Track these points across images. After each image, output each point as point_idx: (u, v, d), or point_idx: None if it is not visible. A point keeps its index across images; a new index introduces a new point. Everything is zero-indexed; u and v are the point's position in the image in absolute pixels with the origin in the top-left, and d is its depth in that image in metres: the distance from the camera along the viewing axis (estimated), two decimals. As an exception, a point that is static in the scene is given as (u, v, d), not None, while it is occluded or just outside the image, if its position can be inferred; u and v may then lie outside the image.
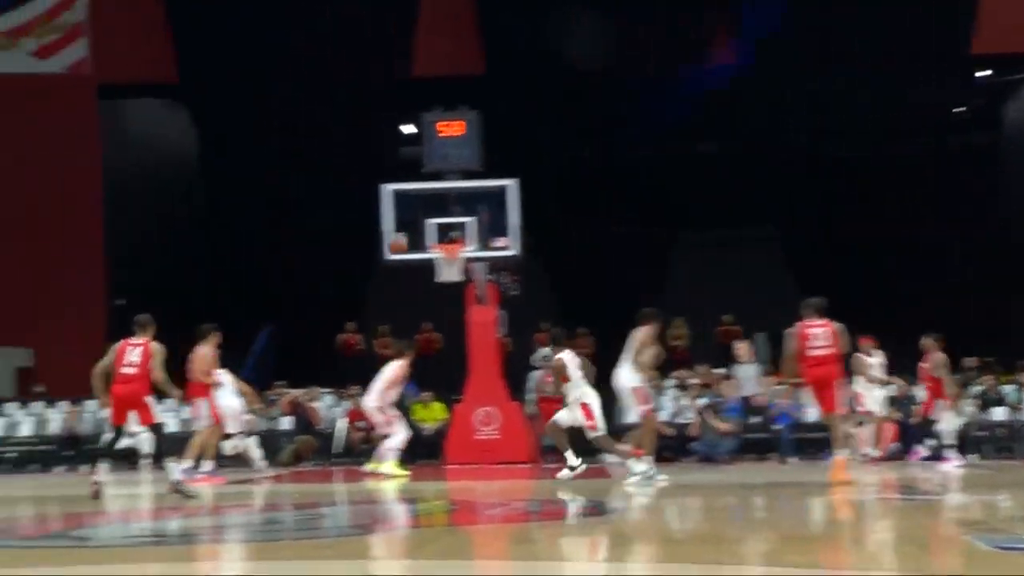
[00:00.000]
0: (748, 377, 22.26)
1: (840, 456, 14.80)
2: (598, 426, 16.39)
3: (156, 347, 15.53)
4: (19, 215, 29.29)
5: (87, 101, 29.88)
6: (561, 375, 16.62)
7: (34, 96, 29.65)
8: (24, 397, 26.45)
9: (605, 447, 16.70)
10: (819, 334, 14.91)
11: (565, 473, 16.54)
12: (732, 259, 30.58)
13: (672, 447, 21.72)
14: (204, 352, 18.70)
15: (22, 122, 29.54)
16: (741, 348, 22.69)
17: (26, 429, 24.78)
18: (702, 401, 22.35)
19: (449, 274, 22.06)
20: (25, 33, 30.22)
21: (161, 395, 16.38)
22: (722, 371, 23.75)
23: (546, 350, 23.75)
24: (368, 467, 19.11)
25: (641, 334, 15.96)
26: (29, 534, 11.99)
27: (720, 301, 28.19)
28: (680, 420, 22.42)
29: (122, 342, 15.51)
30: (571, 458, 16.65)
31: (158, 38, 29.76)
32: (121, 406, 15.46)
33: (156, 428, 15.75)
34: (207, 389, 18.73)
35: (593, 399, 16.46)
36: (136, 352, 15.49)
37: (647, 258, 29.31)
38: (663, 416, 21.79)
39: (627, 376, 15.92)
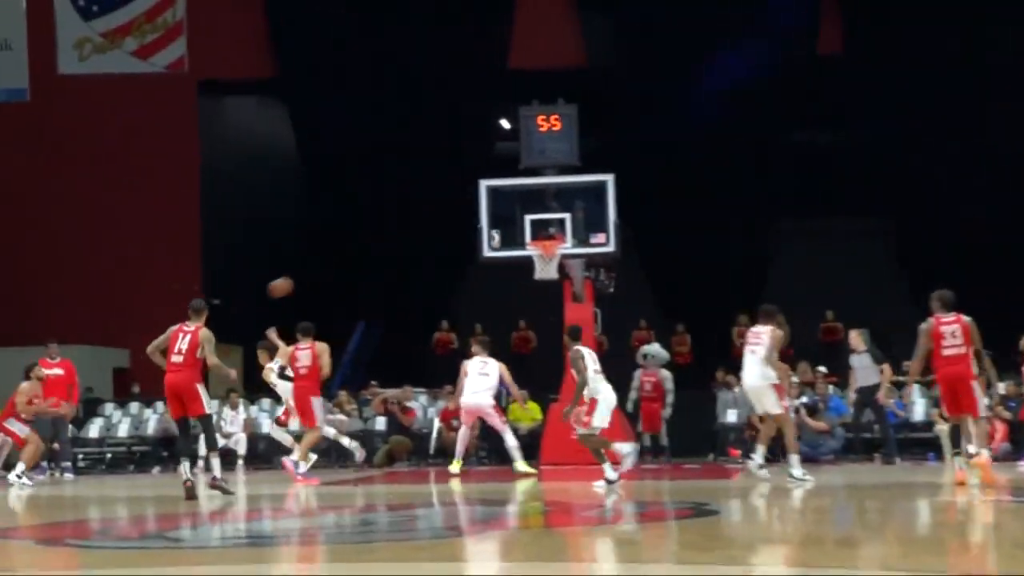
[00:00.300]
0: (864, 367, 21.49)
1: (983, 456, 14.11)
2: (592, 424, 15.88)
3: (206, 334, 15.31)
4: (117, 215, 29.56)
5: (186, 99, 30.10)
6: (576, 368, 16.19)
7: (134, 95, 29.92)
8: (121, 398, 26.59)
9: (591, 445, 15.99)
10: (951, 330, 14.33)
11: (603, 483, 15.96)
12: (837, 252, 30.03)
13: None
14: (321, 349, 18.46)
15: (122, 121, 29.83)
16: (855, 337, 21.98)
17: (123, 430, 24.86)
18: (801, 400, 21.87)
19: (546, 271, 21.76)
20: (126, 33, 30.52)
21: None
22: (822, 369, 23.25)
23: (651, 347, 23.46)
24: (453, 468, 19.06)
25: (771, 333, 15.63)
26: (126, 535, 11.94)
27: (821, 296, 27.68)
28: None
29: (176, 327, 15.31)
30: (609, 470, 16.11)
31: (255, 34, 29.89)
32: (173, 396, 15.34)
33: (205, 420, 15.57)
34: (317, 388, 18.53)
35: (606, 398, 16.01)
36: (186, 340, 15.31)
37: (746, 252, 28.81)
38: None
39: (761, 373, 15.62)
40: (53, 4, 30.53)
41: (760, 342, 15.75)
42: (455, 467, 19.17)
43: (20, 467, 18.86)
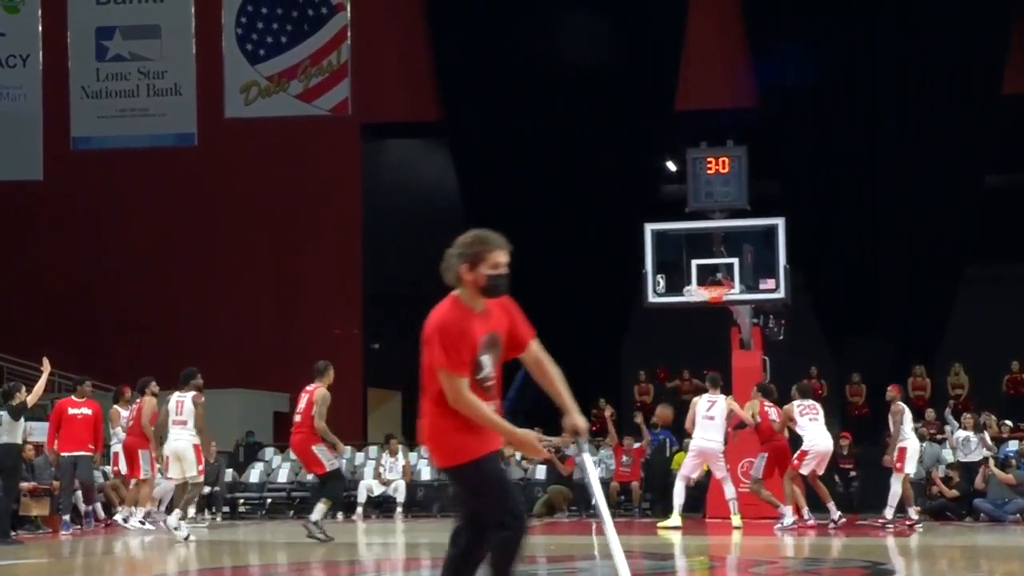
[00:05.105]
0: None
1: None
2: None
3: (320, 395, 15.14)
4: (278, 257, 29.64)
5: (350, 142, 30.11)
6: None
7: (299, 138, 30.04)
8: (281, 442, 26.48)
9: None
10: None
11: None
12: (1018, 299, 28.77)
13: (951, 508, 20.36)
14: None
15: (286, 164, 29.96)
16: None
17: (283, 475, 24.69)
18: (987, 453, 20.79)
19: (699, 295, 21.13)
20: (292, 76, 30.71)
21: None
22: (1008, 423, 22.18)
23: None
24: (671, 521, 18.07)
25: None
26: None
27: (1006, 346, 26.44)
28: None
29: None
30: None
31: (419, 77, 29.79)
32: (296, 454, 15.35)
33: (323, 478, 15.37)
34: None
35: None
36: (304, 400, 15.19)
37: (927, 299, 27.62)
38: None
39: None
40: (221, 49, 30.83)
41: None
42: (674, 520, 18.12)
43: (141, 512, 18.68)
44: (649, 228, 21.47)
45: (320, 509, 15.55)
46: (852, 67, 28.06)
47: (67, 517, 19.42)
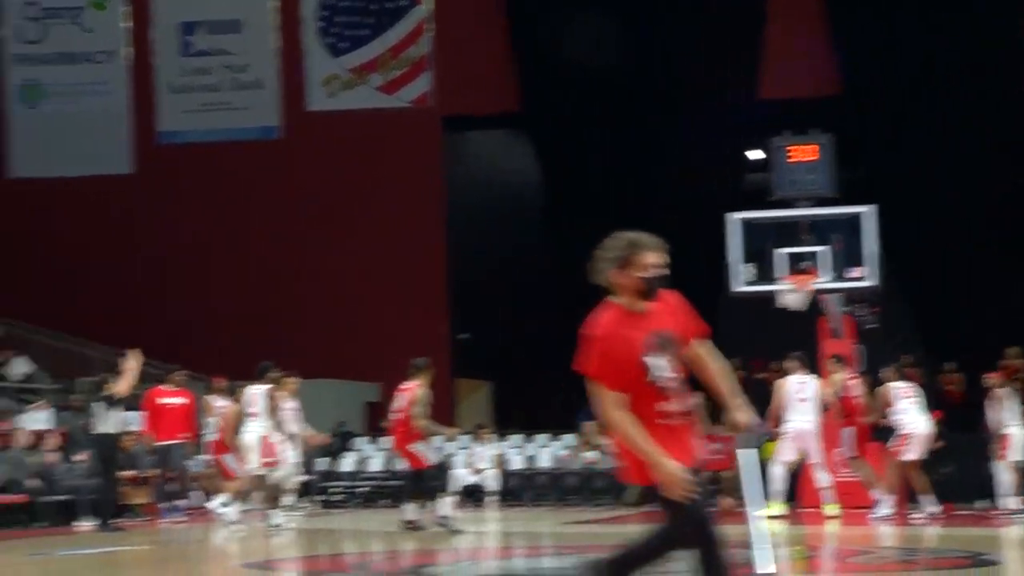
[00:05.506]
0: None
1: None
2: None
3: (420, 394, 15.15)
4: (364, 249, 29.75)
5: (431, 134, 30.16)
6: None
7: (380, 131, 30.14)
8: (372, 432, 26.65)
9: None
10: None
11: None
12: None
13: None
14: None
15: (368, 157, 30.06)
16: None
17: (376, 464, 24.81)
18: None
19: (792, 301, 21.02)
20: (373, 69, 30.80)
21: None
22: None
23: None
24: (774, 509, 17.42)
25: None
26: (382, 570, 11.89)
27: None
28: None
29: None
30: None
31: (500, 68, 29.78)
32: (396, 451, 15.39)
33: (417, 475, 15.35)
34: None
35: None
36: (403, 398, 15.24)
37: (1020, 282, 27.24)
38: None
39: None
40: (303, 43, 31.01)
41: None
42: (777, 508, 17.59)
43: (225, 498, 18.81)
44: (734, 217, 21.40)
45: (446, 503, 15.64)
46: (933, 49, 27.74)
47: (166, 505, 19.69)
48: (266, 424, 17.13)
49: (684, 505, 6.16)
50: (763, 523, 6.32)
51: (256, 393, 17.24)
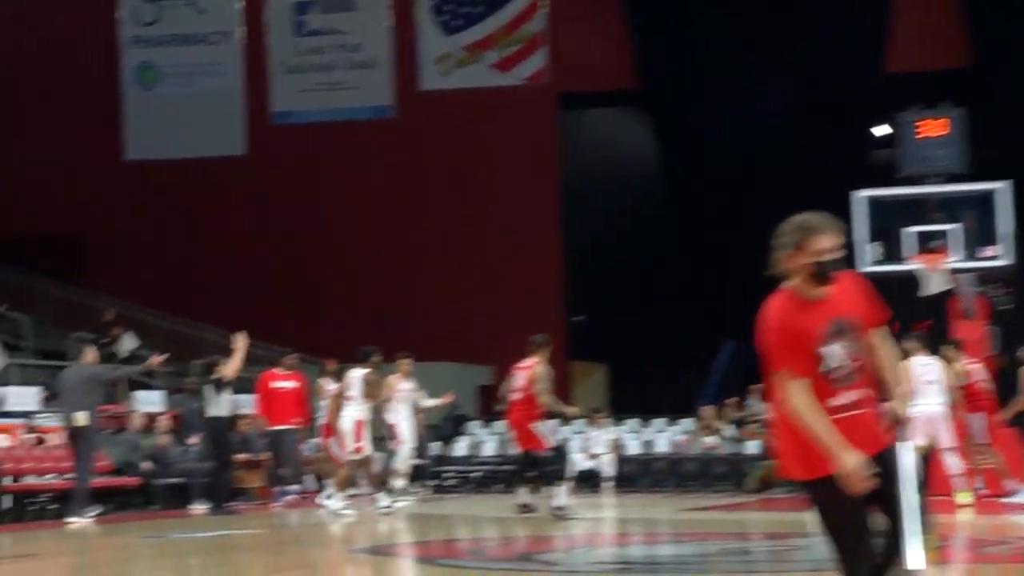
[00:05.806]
0: None
1: None
2: None
3: (541, 371, 14.82)
4: (477, 229, 29.53)
5: (546, 112, 29.83)
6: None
7: (495, 109, 29.87)
8: (486, 416, 26.37)
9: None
10: None
11: None
12: None
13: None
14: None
15: (482, 135, 29.83)
16: None
17: (489, 448, 24.49)
18: None
19: (931, 286, 20.34)
20: (487, 46, 30.51)
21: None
22: None
23: None
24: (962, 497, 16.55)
25: None
26: (496, 556, 11.72)
27: None
28: None
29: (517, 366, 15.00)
30: None
31: (617, 44, 29.31)
32: (513, 432, 14.91)
33: (533, 459, 15.01)
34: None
35: None
36: (522, 376, 14.90)
37: None
38: None
39: None
40: (416, 21, 30.80)
41: None
42: (965, 497, 16.64)
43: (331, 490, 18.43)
44: (860, 195, 20.85)
45: (561, 492, 15.28)
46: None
47: (279, 489, 19.57)
48: (362, 408, 16.83)
49: (845, 501, 5.80)
50: (915, 516, 5.81)
51: (355, 377, 16.97)
